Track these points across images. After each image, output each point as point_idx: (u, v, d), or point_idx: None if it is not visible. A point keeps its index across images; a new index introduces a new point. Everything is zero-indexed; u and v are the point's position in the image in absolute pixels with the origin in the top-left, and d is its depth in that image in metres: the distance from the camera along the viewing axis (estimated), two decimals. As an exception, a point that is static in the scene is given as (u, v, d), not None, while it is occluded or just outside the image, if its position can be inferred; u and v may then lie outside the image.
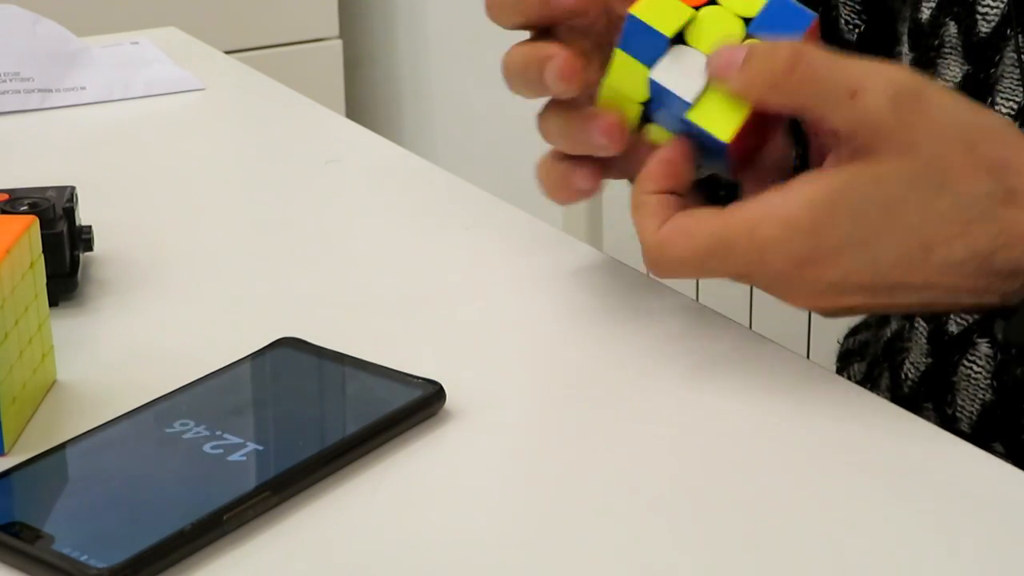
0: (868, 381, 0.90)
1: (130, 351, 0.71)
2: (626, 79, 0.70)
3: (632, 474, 0.61)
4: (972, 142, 0.65)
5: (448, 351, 0.70)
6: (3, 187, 0.76)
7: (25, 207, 0.73)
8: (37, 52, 1.08)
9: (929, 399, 0.83)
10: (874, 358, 0.90)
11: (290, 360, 0.67)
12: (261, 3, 2.27)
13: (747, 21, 0.68)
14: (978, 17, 0.78)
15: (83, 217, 0.78)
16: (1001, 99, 0.77)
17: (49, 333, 0.67)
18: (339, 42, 2.34)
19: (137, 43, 1.16)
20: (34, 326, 0.65)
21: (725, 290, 0.98)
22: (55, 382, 0.67)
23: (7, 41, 1.08)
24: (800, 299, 0.67)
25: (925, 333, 0.82)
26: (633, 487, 0.60)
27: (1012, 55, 0.77)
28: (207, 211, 0.90)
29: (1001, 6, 0.77)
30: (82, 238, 0.77)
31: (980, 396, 0.80)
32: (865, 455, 0.62)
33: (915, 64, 0.82)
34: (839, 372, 0.94)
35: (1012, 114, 0.77)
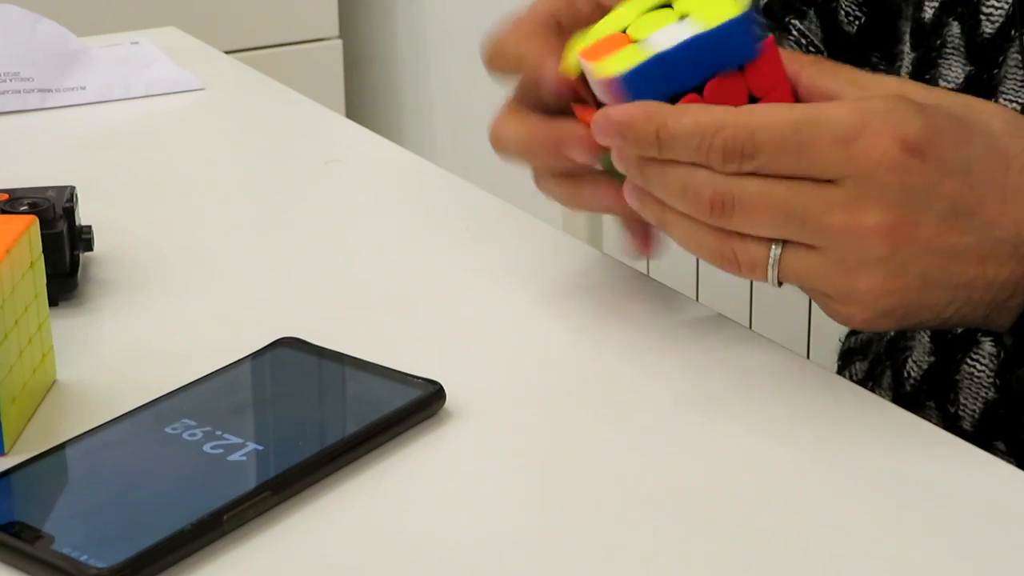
0: (870, 379, 0.90)
1: (130, 351, 0.71)
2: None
3: (631, 474, 0.61)
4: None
5: (448, 351, 0.70)
6: (3, 187, 0.76)
7: (25, 207, 0.73)
8: (37, 52, 1.08)
9: (932, 397, 0.82)
10: (876, 356, 0.90)
11: (290, 360, 0.67)
12: (261, 3, 2.27)
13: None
14: (982, 18, 0.78)
15: (83, 217, 0.78)
16: (1004, 100, 0.77)
17: (49, 333, 0.67)
18: (339, 42, 2.34)
19: (137, 43, 1.16)
20: (34, 326, 0.64)
21: (725, 290, 0.98)
22: (55, 382, 0.67)
23: (7, 41, 1.08)
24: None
25: (928, 331, 0.82)
26: (632, 487, 0.60)
27: (1016, 56, 0.77)
28: (207, 211, 0.90)
29: (1005, 7, 0.77)
30: (82, 238, 0.77)
31: (983, 394, 0.80)
32: (865, 455, 0.62)
33: (917, 64, 0.82)
34: (840, 370, 0.94)
35: (1015, 115, 0.77)
